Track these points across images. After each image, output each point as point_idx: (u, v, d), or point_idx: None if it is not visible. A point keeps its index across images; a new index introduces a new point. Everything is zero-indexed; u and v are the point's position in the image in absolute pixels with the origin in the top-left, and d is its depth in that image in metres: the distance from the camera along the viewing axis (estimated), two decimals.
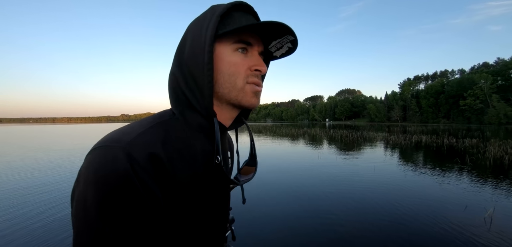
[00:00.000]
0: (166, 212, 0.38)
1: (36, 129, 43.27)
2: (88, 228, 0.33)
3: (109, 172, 0.34)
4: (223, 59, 0.44)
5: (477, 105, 50.58)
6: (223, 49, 0.44)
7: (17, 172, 6.21)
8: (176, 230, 0.40)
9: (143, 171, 0.35)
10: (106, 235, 0.33)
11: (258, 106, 0.49)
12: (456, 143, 12.30)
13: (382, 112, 76.09)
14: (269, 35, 0.47)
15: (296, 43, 0.48)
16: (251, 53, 0.47)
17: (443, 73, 74.65)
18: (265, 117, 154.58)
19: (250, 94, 0.47)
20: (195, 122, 0.45)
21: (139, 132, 0.39)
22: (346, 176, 5.55)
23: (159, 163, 0.37)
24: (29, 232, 2.86)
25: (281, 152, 9.82)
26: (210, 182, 0.45)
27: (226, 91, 0.45)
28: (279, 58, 0.54)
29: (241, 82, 0.45)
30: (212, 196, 0.47)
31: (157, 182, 0.37)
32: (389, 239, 2.72)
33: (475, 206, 3.66)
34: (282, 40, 0.48)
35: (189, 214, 0.42)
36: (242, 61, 0.45)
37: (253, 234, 2.85)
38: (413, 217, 3.27)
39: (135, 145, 0.36)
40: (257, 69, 0.46)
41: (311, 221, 3.19)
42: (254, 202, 3.86)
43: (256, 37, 0.46)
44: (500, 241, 2.66)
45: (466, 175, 5.63)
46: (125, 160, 0.34)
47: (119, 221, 0.33)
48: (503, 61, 55.24)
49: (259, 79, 0.47)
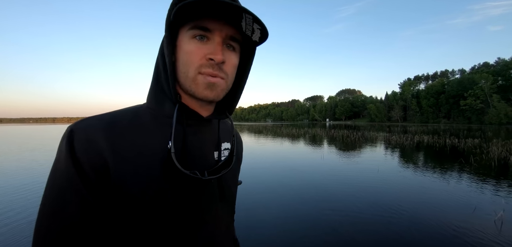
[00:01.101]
0: (104, 198, 0.38)
1: (36, 129, 43.18)
2: (44, 192, 0.38)
3: (59, 148, 0.39)
4: (181, 47, 0.43)
5: (478, 105, 50.55)
6: (182, 36, 0.43)
7: (14, 171, 6.14)
8: (122, 224, 0.39)
9: (80, 151, 0.37)
10: (45, 202, 0.37)
11: (212, 99, 0.45)
12: (459, 143, 12.24)
13: (382, 112, 76.07)
14: (230, 17, 0.41)
15: (259, 22, 0.42)
16: (212, 40, 0.43)
17: (444, 73, 74.68)
18: (265, 117, 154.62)
19: (202, 85, 0.43)
20: (164, 111, 0.46)
21: (94, 116, 0.41)
22: (350, 177, 5.49)
23: (96, 146, 0.38)
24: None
25: (283, 153, 9.76)
26: (169, 175, 0.42)
27: (182, 80, 0.44)
28: (260, 43, 0.48)
29: (192, 72, 0.43)
30: (178, 193, 0.43)
31: (92, 163, 0.37)
32: (397, 241, 2.66)
33: (484, 208, 3.59)
34: (246, 21, 0.42)
35: (145, 211, 0.40)
36: (198, 49, 0.42)
37: (254, 235, 2.79)
38: (421, 219, 3.20)
39: (80, 124, 0.39)
40: (210, 58, 0.42)
41: (315, 222, 3.12)
42: (255, 202, 3.80)
43: (219, 21, 0.42)
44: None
45: (472, 176, 5.56)
46: (66, 136, 0.38)
47: (55, 193, 0.37)
48: (504, 61, 55.22)
49: (214, 69, 0.43)
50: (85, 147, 0.37)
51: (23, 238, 2.74)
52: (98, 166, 0.38)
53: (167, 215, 0.42)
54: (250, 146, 11.85)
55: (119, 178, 0.38)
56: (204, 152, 0.49)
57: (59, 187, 0.37)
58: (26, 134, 26.22)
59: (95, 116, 0.41)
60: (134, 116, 0.44)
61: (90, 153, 0.37)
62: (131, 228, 0.40)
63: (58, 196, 0.37)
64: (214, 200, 0.49)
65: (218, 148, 0.53)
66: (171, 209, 0.42)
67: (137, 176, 0.40)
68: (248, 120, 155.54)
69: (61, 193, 0.37)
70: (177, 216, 0.43)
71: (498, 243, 2.62)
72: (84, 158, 0.37)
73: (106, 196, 0.38)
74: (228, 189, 0.54)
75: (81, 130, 0.38)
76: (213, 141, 0.52)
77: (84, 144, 0.37)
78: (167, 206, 0.42)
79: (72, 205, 0.36)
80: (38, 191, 4.49)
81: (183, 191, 0.44)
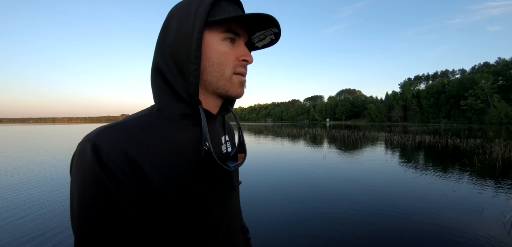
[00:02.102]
0: (146, 208, 0.37)
1: (36, 129, 43.12)
2: (75, 219, 0.35)
3: (82, 168, 0.35)
4: (212, 48, 0.44)
5: (478, 105, 50.49)
6: (212, 37, 0.44)
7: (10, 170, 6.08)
8: (170, 228, 0.40)
9: (114, 165, 0.35)
10: (87, 228, 0.34)
11: (241, 96, 0.49)
12: (461, 144, 12.18)
13: (382, 112, 76.00)
14: (255, 26, 0.47)
15: (279, 35, 0.49)
16: (238, 43, 0.46)
17: (444, 73, 74.59)
18: (265, 117, 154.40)
19: (237, 84, 0.47)
20: (178, 112, 0.45)
21: (110, 125, 0.39)
22: (353, 177, 5.42)
23: (127, 156, 0.36)
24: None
25: (284, 153, 9.69)
26: (201, 172, 0.44)
27: (214, 80, 0.45)
28: (261, 48, 0.54)
29: (229, 71, 0.45)
30: (208, 187, 0.45)
31: (126, 174, 0.36)
32: (404, 243, 2.60)
33: (491, 209, 3.52)
34: (266, 32, 0.48)
35: (182, 210, 0.41)
36: (231, 50, 0.45)
37: (258, 235, 2.73)
38: (428, 221, 3.14)
39: (99, 137, 0.36)
40: (244, 59, 0.46)
41: (319, 223, 3.05)
42: (258, 202, 3.74)
43: (243, 28, 0.46)
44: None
45: (477, 176, 5.50)
46: (90, 151, 0.34)
47: (96, 217, 0.34)
48: (504, 61, 55.16)
49: (245, 69, 0.48)
50: (116, 160, 0.35)
51: (17, 238, 2.68)
52: (134, 178, 0.36)
53: (199, 212, 0.43)
54: (251, 147, 11.79)
55: (154, 185, 0.38)
56: (218, 147, 0.52)
57: (97, 211, 0.33)
58: (26, 134, 26.12)
59: (110, 125, 0.39)
60: (150, 121, 0.43)
61: (124, 166, 0.35)
62: (167, 231, 0.40)
63: (100, 222, 0.33)
64: (229, 191, 0.53)
65: (223, 141, 0.56)
66: (202, 205, 0.44)
67: (169, 180, 0.39)
68: (248, 120, 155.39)
69: (102, 217, 0.34)
70: (206, 211, 0.44)
71: (508, 246, 2.56)
72: (119, 173, 0.35)
73: (146, 206, 0.37)
74: (236, 179, 0.58)
75: (106, 143, 0.36)
76: (220, 135, 0.55)
77: (115, 157, 0.35)
78: (199, 203, 0.43)
79: (118, 226, 0.34)
80: (32, 188, 4.43)
81: (212, 186, 0.46)
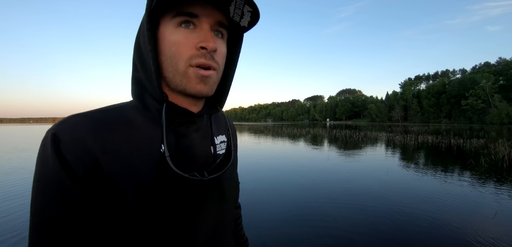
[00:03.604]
0: (104, 203, 0.35)
1: (36, 129, 43.04)
2: (32, 207, 0.33)
3: (41, 157, 0.34)
4: (165, 38, 0.38)
5: (479, 105, 50.36)
6: (165, 26, 0.38)
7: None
8: (131, 231, 0.37)
9: (72, 155, 0.33)
10: (40, 218, 0.32)
11: (206, 94, 0.41)
12: (464, 144, 12.08)
13: (383, 112, 75.87)
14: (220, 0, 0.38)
15: (251, 3, 0.39)
16: (200, 27, 0.39)
17: (445, 72, 74.44)
18: (265, 117, 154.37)
19: (194, 79, 0.39)
20: (154, 108, 0.41)
21: (77, 114, 0.37)
22: (358, 179, 5.32)
23: (86, 147, 0.34)
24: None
25: (286, 153, 9.59)
26: (168, 176, 0.39)
27: (171, 76, 0.40)
28: (248, 28, 0.44)
29: (183, 65, 0.38)
30: (177, 195, 0.40)
31: (84, 165, 0.34)
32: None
33: (504, 212, 3.42)
34: (237, 4, 0.38)
35: (143, 216, 0.37)
36: (186, 38, 0.38)
37: (256, 235, 2.64)
38: (441, 225, 3.04)
39: (63, 125, 0.35)
40: (202, 46, 0.38)
41: (325, 225, 2.96)
42: (259, 203, 3.64)
43: (206, 6, 0.38)
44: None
45: (485, 177, 5.40)
46: (50, 140, 0.34)
47: (50, 206, 0.32)
48: (505, 61, 55.05)
49: (207, 59, 0.39)
50: (72, 148, 0.34)
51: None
52: (90, 167, 0.34)
53: (164, 218, 0.39)
54: (252, 146, 11.68)
55: (112, 179, 0.35)
56: (200, 150, 0.46)
57: (50, 200, 0.32)
58: (26, 135, 26.04)
59: (79, 113, 0.37)
60: (122, 113, 0.40)
61: (80, 153, 0.34)
62: (125, 232, 0.36)
63: (52, 210, 0.32)
64: (214, 200, 0.46)
65: (212, 143, 0.50)
66: (168, 212, 0.39)
67: (131, 177, 0.37)
68: (248, 120, 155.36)
69: (55, 206, 0.32)
70: (174, 220, 0.40)
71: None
72: (76, 164, 0.33)
73: (101, 198, 0.35)
74: (227, 186, 0.50)
75: (66, 131, 0.34)
76: (207, 136, 0.49)
77: (71, 145, 0.34)
78: (163, 209, 0.38)
79: (69, 216, 0.33)
80: None
81: (182, 194, 0.40)
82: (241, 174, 3.99)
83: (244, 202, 3.89)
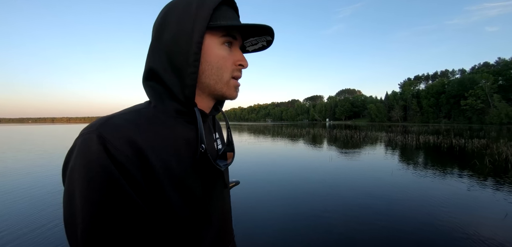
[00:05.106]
0: (151, 201, 0.37)
1: (35, 129, 42.75)
2: (80, 218, 0.32)
3: (86, 160, 0.33)
4: (212, 51, 0.44)
5: (478, 105, 50.46)
6: (212, 41, 0.44)
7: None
8: (168, 222, 0.39)
9: (123, 156, 0.34)
10: (96, 226, 0.31)
11: (235, 99, 0.51)
12: (466, 144, 12.03)
13: (382, 112, 75.93)
14: (250, 32, 0.48)
15: (271, 42, 0.51)
16: (235, 47, 0.47)
17: (444, 73, 74.59)
18: (265, 117, 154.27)
19: (233, 88, 0.48)
20: (173, 108, 0.44)
21: (111, 116, 0.38)
22: (365, 180, 5.24)
23: (135, 146, 0.35)
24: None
25: (288, 153, 9.51)
26: (196, 170, 0.44)
27: (212, 83, 0.46)
28: (251, 52, 0.55)
29: (227, 76, 0.46)
30: (204, 184, 0.46)
31: (135, 165, 0.35)
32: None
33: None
34: (259, 38, 0.50)
35: (180, 206, 0.40)
36: (229, 55, 0.46)
37: (256, 235, 2.57)
38: (452, 227, 2.96)
39: (105, 127, 0.35)
40: (241, 64, 0.48)
41: (330, 227, 2.87)
42: (260, 203, 3.56)
43: (239, 33, 0.47)
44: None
45: (491, 178, 5.32)
46: (97, 143, 0.33)
47: (106, 212, 0.32)
48: (504, 60, 55.16)
49: (241, 73, 0.49)
50: (125, 150, 0.34)
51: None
52: (143, 169, 0.36)
53: (193, 210, 0.43)
54: (252, 147, 11.60)
55: (159, 178, 0.37)
56: (210, 145, 0.52)
57: (107, 211, 0.32)
58: (25, 135, 25.84)
59: (113, 115, 0.38)
60: (150, 114, 0.42)
61: (133, 156, 0.35)
62: (162, 227, 0.39)
63: (112, 223, 0.32)
64: (221, 188, 0.53)
65: (214, 138, 0.57)
66: (196, 203, 0.43)
67: (171, 174, 0.39)
68: (248, 120, 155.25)
69: (114, 217, 0.32)
70: (199, 209, 0.44)
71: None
72: (129, 164, 0.34)
73: (153, 200, 0.37)
74: (227, 177, 0.60)
75: (113, 133, 0.34)
76: (211, 133, 0.55)
77: (123, 148, 0.34)
78: (193, 201, 0.43)
79: (131, 226, 0.33)
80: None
81: (204, 185, 0.46)
82: (246, 175, 3.84)
83: (245, 202, 3.83)
